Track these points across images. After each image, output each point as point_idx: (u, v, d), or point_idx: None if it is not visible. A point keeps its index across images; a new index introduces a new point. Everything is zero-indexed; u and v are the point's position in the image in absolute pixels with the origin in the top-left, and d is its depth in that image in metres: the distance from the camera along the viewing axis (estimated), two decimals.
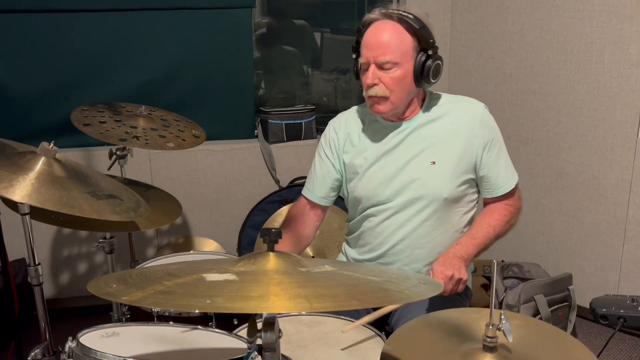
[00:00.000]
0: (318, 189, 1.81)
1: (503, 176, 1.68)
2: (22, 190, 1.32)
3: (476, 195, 1.73)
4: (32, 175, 1.37)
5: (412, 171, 1.65)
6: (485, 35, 3.05)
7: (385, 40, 1.55)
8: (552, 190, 2.91)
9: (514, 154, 1.73)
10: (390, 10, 1.58)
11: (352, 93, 3.52)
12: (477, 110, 1.67)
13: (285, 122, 3.07)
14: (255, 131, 3.10)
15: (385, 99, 1.59)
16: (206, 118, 2.71)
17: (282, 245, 1.75)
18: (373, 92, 1.59)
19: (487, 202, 1.74)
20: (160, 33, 2.83)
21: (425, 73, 1.58)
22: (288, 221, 1.86)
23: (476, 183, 1.71)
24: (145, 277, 0.96)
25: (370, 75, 1.58)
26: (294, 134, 3.09)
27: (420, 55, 1.58)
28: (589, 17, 2.63)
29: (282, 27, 3.37)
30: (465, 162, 1.64)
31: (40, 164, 1.42)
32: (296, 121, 3.09)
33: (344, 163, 1.77)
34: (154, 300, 0.84)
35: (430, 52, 1.58)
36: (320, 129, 3.18)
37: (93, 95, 2.74)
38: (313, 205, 1.82)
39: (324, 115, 3.30)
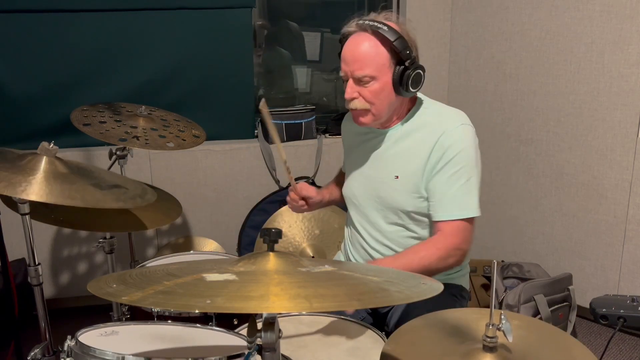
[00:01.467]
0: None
1: (447, 202, 1.54)
2: (37, 189, 1.34)
3: None
4: (41, 175, 1.40)
5: (379, 182, 1.65)
6: (485, 35, 3.05)
7: (360, 55, 1.53)
8: (552, 190, 2.91)
9: (514, 154, 1.72)
10: (365, 22, 1.54)
11: None
12: (447, 126, 1.56)
13: (285, 122, 3.07)
14: (255, 131, 3.10)
15: (366, 111, 1.58)
16: (206, 118, 2.71)
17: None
18: (353, 105, 1.58)
19: (434, 229, 1.61)
20: (160, 33, 2.83)
21: (404, 84, 1.54)
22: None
23: None
24: (145, 277, 0.96)
25: (349, 90, 1.56)
26: (294, 134, 3.09)
27: (397, 67, 1.53)
28: (589, 17, 2.63)
29: (282, 27, 3.37)
30: (422, 180, 1.58)
31: (44, 164, 1.45)
32: (296, 121, 3.09)
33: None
34: (154, 300, 0.83)
35: (407, 63, 1.52)
36: (320, 129, 3.19)
37: (93, 95, 2.74)
38: None
39: (324, 115, 3.30)
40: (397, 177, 1.61)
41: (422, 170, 1.57)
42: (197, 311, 1.60)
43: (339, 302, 0.83)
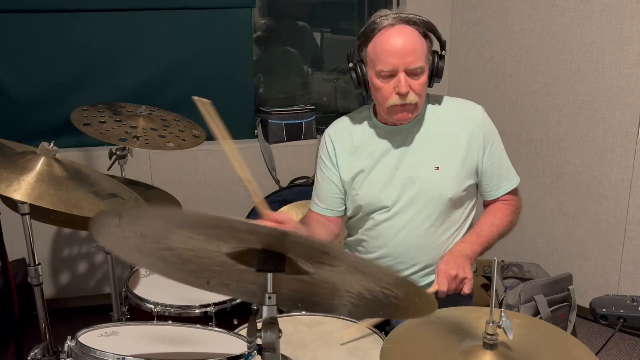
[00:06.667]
0: (326, 201, 1.76)
1: (504, 177, 1.69)
2: (30, 191, 1.33)
3: (474, 200, 1.73)
4: (34, 176, 1.38)
5: (415, 175, 1.64)
6: (485, 35, 3.05)
7: (411, 46, 1.52)
8: (552, 190, 2.91)
9: (514, 154, 1.73)
10: (403, 15, 1.55)
11: (352, 93, 3.52)
12: (476, 113, 1.67)
13: (285, 122, 3.07)
14: (255, 131, 3.10)
15: (414, 105, 1.57)
16: None
17: (322, 230, 1.72)
18: (408, 100, 1.54)
19: (487, 204, 1.74)
20: (160, 33, 2.83)
21: (438, 74, 1.61)
22: (321, 222, 1.78)
23: (476, 187, 1.71)
24: None
25: (404, 84, 1.52)
26: (294, 134, 3.09)
27: (434, 56, 1.60)
28: (589, 17, 2.63)
29: (282, 27, 3.37)
30: (468, 166, 1.64)
31: (40, 164, 1.43)
32: (296, 121, 3.09)
33: (342, 171, 1.73)
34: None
35: (442, 53, 1.60)
36: (320, 129, 3.19)
37: (93, 95, 2.74)
38: (323, 217, 1.77)
39: (324, 115, 3.30)
40: (437, 168, 1.63)
41: (465, 156, 1.63)
42: (196, 311, 1.60)
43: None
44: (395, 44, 1.52)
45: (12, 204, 1.68)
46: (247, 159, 3.13)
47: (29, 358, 1.43)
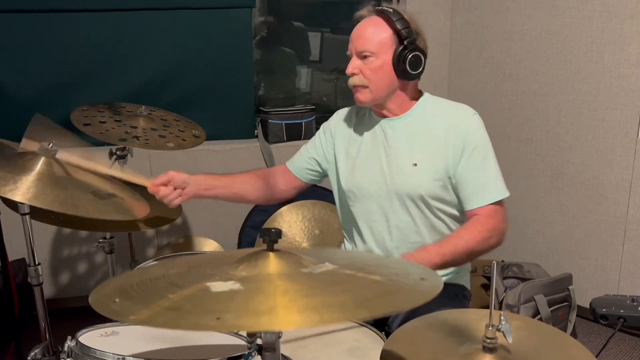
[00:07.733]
0: (298, 159, 1.88)
1: (479, 191, 1.61)
2: (26, 191, 1.32)
3: None
4: (33, 176, 1.38)
5: (393, 169, 1.67)
6: (485, 35, 3.05)
7: (364, 32, 1.62)
8: (552, 190, 2.91)
9: (514, 154, 1.72)
10: (378, 7, 1.65)
11: (352, 93, 3.51)
12: (461, 116, 1.64)
13: (285, 122, 3.07)
14: (255, 131, 3.10)
15: (364, 87, 1.64)
16: (206, 118, 2.71)
17: (248, 179, 1.81)
18: (352, 81, 1.65)
19: (468, 216, 1.66)
20: (160, 33, 2.83)
21: (402, 63, 1.60)
22: (262, 170, 1.93)
23: None
24: (147, 288, 0.92)
25: (350, 65, 1.64)
26: (294, 134, 3.09)
27: (398, 47, 1.60)
28: (589, 17, 2.63)
29: (282, 27, 3.37)
30: (443, 167, 1.62)
31: (40, 164, 1.43)
32: (296, 121, 3.09)
33: (335, 153, 1.80)
34: (163, 319, 0.80)
35: (406, 42, 1.59)
36: None
37: (93, 95, 2.74)
38: (286, 172, 1.88)
39: (324, 115, 3.29)
40: (415, 164, 1.64)
41: (443, 156, 1.62)
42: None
43: (347, 313, 0.82)
44: (353, 31, 1.65)
45: (12, 204, 1.67)
46: (247, 159, 3.16)
47: (29, 358, 1.43)
